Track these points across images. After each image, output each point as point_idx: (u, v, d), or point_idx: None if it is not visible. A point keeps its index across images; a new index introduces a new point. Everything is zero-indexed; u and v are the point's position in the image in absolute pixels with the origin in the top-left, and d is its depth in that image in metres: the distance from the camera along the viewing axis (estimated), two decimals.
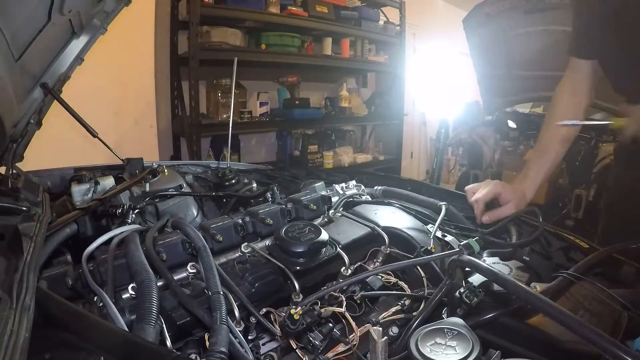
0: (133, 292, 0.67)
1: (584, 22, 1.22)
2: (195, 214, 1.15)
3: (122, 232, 0.82)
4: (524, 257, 0.91)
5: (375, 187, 1.32)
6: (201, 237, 0.80)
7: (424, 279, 0.86)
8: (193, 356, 0.63)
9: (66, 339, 0.57)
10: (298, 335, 0.68)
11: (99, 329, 0.55)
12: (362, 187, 1.31)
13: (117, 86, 2.70)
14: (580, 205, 2.80)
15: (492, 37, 3.15)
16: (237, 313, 0.69)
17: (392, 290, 0.83)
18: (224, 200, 1.28)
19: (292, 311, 0.65)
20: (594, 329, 0.49)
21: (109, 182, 1.14)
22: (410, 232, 0.98)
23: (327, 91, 4.12)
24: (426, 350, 0.53)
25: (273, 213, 0.97)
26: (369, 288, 0.84)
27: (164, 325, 0.63)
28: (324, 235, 0.86)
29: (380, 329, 0.59)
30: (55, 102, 1.16)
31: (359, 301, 0.79)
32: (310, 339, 0.69)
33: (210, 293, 0.67)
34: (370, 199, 1.24)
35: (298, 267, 0.81)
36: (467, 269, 0.76)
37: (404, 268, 0.92)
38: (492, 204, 1.13)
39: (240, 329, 0.69)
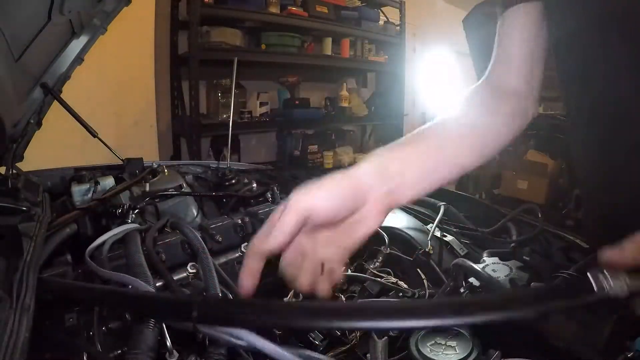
0: None
1: None
2: (195, 214, 1.15)
3: (123, 231, 0.82)
4: (524, 257, 0.91)
5: None
6: (199, 238, 0.80)
7: (425, 280, 0.86)
8: (193, 357, 0.63)
9: (66, 340, 0.57)
10: (297, 333, 0.68)
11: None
12: None
13: (117, 86, 2.69)
14: (580, 205, 2.80)
15: (492, 37, 3.15)
16: None
17: (392, 292, 0.83)
18: (224, 200, 1.28)
19: (285, 299, 0.65)
20: None
21: (109, 182, 1.13)
22: (410, 232, 0.98)
23: (327, 91, 4.12)
24: (426, 350, 0.53)
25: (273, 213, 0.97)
26: (367, 294, 0.84)
27: (164, 325, 0.63)
28: None
29: None
30: (55, 102, 1.16)
31: None
32: (310, 339, 0.69)
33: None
34: None
35: None
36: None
37: (404, 268, 0.92)
38: None
39: None
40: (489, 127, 0.69)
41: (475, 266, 0.70)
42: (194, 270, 0.77)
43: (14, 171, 1.01)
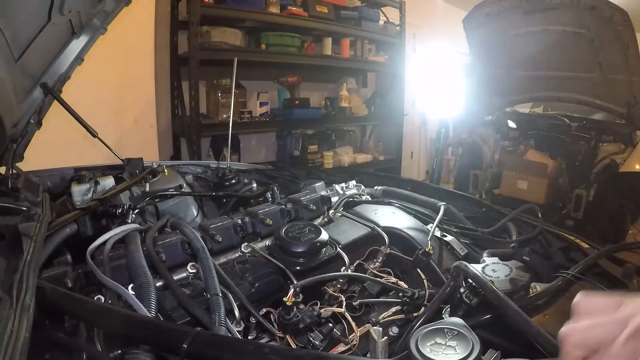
0: (133, 292, 0.68)
1: None
2: (195, 214, 1.15)
3: (123, 231, 0.82)
4: (524, 257, 0.91)
5: (375, 187, 1.32)
6: (199, 238, 0.80)
7: (425, 280, 0.86)
8: None
9: (65, 341, 0.57)
10: (296, 331, 0.68)
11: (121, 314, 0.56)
12: (362, 187, 1.31)
13: (117, 86, 2.69)
14: (580, 205, 2.80)
15: (492, 37, 3.15)
16: (237, 313, 0.69)
17: (392, 292, 0.83)
18: (224, 200, 1.28)
19: (285, 298, 0.65)
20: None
21: (109, 182, 1.14)
22: (410, 232, 0.98)
23: (327, 91, 4.12)
24: (426, 350, 0.53)
25: (273, 213, 0.97)
26: (367, 294, 0.84)
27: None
28: (324, 235, 0.86)
29: (380, 329, 0.59)
30: (55, 102, 1.16)
31: (357, 307, 0.79)
32: (310, 339, 0.69)
33: (209, 295, 0.67)
34: (370, 199, 1.24)
35: (298, 267, 0.81)
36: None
37: (404, 268, 0.92)
38: None
39: (240, 329, 0.69)
40: None
41: (477, 272, 0.70)
42: (194, 270, 0.77)
43: (14, 171, 1.01)
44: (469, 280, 0.73)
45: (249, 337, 0.70)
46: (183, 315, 0.68)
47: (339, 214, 1.07)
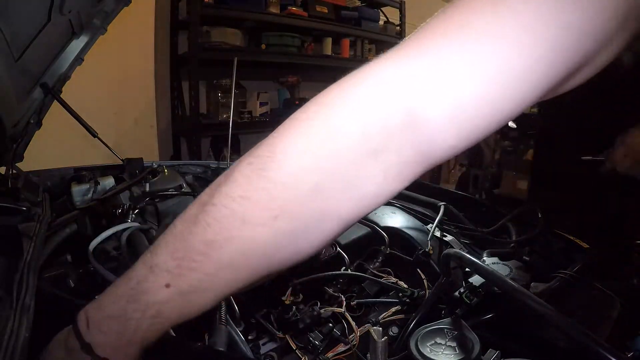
0: None
1: None
2: None
3: (129, 228, 0.83)
4: (524, 257, 0.91)
5: None
6: None
7: (425, 280, 0.86)
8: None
9: None
10: (295, 330, 0.68)
11: None
12: None
13: (117, 86, 2.69)
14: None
15: None
16: (237, 313, 0.70)
17: (391, 291, 0.83)
18: None
19: (283, 297, 0.65)
20: (576, 325, 0.48)
21: (109, 182, 1.14)
22: (410, 232, 0.98)
23: None
24: (426, 350, 0.53)
25: None
26: (366, 294, 0.84)
27: None
28: None
29: (380, 329, 0.59)
30: (55, 102, 1.16)
31: (355, 307, 0.79)
32: (310, 339, 0.69)
33: None
34: None
35: (297, 267, 0.81)
36: (463, 268, 0.76)
37: (404, 268, 0.92)
38: None
39: (241, 329, 0.69)
40: None
41: (466, 254, 0.69)
42: None
43: (14, 171, 1.01)
44: (469, 280, 0.73)
45: (249, 337, 0.70)
46: None
47: None
